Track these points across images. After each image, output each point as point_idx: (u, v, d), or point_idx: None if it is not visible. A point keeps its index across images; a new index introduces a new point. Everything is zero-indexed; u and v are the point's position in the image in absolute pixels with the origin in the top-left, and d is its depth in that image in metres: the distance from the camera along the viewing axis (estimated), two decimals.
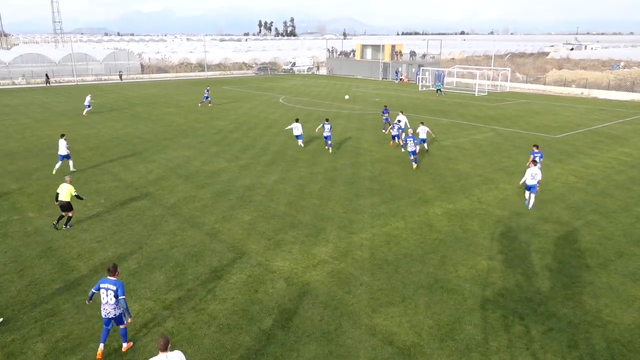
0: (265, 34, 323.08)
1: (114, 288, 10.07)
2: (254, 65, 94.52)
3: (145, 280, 13.27)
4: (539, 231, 16.45)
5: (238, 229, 16.44)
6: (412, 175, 22.71)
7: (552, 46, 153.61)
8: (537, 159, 20.10)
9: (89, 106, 39.93)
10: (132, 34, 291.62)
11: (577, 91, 59.57)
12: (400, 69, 75.02)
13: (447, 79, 68.08)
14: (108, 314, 10.20)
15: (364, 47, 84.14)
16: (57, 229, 16.23)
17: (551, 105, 47.87)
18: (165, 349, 8.29)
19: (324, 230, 16.30)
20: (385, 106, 34.33)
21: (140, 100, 48.88)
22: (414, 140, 23.89)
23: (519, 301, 12.43)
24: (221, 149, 27.66)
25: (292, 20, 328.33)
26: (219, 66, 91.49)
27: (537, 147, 20.57)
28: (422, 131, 26.60)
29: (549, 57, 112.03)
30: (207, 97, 45.19)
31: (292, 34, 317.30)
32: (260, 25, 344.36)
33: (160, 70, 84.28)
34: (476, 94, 56.41)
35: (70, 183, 16.52)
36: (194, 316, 11.77)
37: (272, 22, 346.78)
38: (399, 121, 28.94)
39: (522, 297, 12.59)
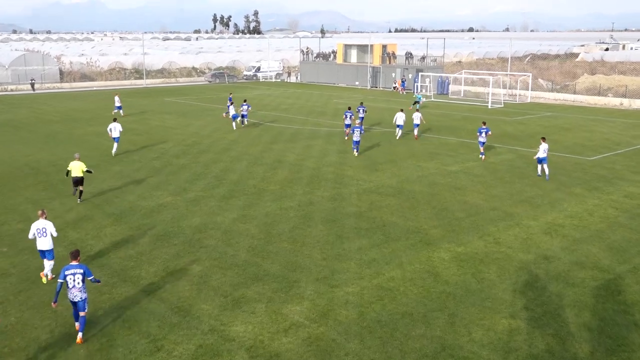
0: (221, 32, 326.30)
1: (81, 271, 13.22)
2: (206, 71, 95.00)
3: (60, 356, 12.86)
4: (573, 280, 16.56)
5: (185, 283, 16.18)
6: (410, 209, 22.80)
7: (583, 46, 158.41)
8: (483, 133, 31.38)
9: (119, 107, 48.91)
10: (48, 32, 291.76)
11: (615, 101, 61.21)
12: (395, 74, 76.21)
13: (452, 87, 69.37)
14: (75, 297, 13.25)
15: (347, 47, 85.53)
16: (79, 198, 23.74)
17: (583, 120, 49.01)
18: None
19: (298, 284, 16.14)
20: (362, 103, 42.44)
21: (58, 117, 48.51)
22: (360, 131, 32.39)
23: None
24: (163, 179, 27.49)
25: (256, 14, 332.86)
26: (162, 72, 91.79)
27: (484, 123, 32.33)
28: (400, 118, 37.62)
29: (578, 59, 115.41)
30: (230, 107, 44.43)
31: (256, 31, 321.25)
32: (215, 20, 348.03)
33: (85, 77, 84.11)
34: (489, 105, 57.50)
35: (79, 159, 23.23)
36: None
37: (230, 17, 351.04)
38: (349, 108, 38.60)
39: None
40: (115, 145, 32.96)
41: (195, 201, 23.94)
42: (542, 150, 27.72)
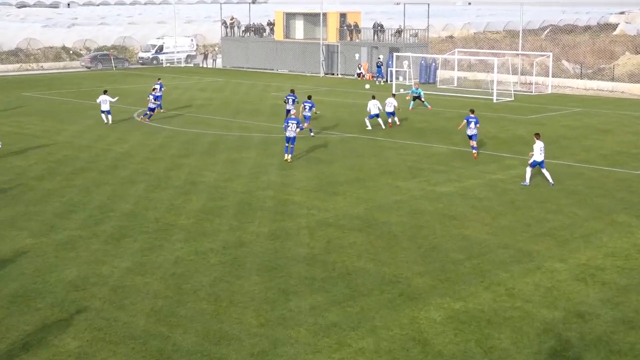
0: None
1: None
2: (84, 52, 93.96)
3: None
4: (619, 345, 16.79)
5: None
6: (385, 250, 22.86)
7: (623, 13, 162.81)
8: (472, 124, 35.58)
9: None
10: None
11: None
12: (359, 55, 76.79)
13: (441, 73, 70.32)
14: None
15: (289, 17, 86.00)
16: None
17: (627, 117, 50.24)
18: None
19: None
20: (292, 91, 46.90)
21: None
22: (297, 124, 35.45)
23: None
24: (21, 212, 27.05)
25: None
26: (17, 54, 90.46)
27: (473, 111, 37.00)
28: (373, 106, 43.68)
29: (617, 32, 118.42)
30: (158, 98, 48.63)
31: None
32: None
33: None
34: (495, 98, 58.45)
35: None
36: None
37: None
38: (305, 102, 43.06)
39: None
40: None
41: (69, 244, 23.48)
42: (539, 151, 30.28)
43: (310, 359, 16.10)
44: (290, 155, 35.40)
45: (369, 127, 43.84)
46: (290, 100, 43.62)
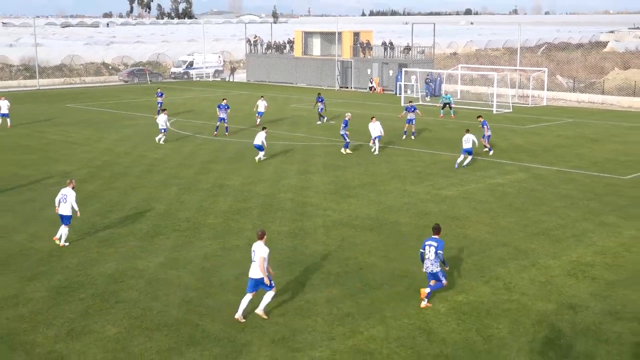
0: (140, 15, 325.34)
1: None
2: (122, 68, 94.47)
3: None
4: (607, 334, 16.82)
5: (97, 350, 15.99)
6: (394, 247, 22.96)
7: (612, 32, 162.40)
8: (485, 127, 38.34)
9: (6, 115, 49.05)
10: None
11: None
12: (370, 70, 76.90)
13: (445, 87, 70.29)
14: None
15: (308, 35, 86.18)
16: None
17: (615, 127, 50.06)
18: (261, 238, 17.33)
19: (249, 347, 16.10)
20: (319, 94, 52.21)
21: None
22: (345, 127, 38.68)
23: None
24: None
25: None
26: (61, 69, 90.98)
27: (481, 117, 39.76)
28: (376, 128, 39.08)
29: (607, 49, 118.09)
30: (224, 109, 46.00)
31: (188, 14, 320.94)
32: (131, 0, 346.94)
33: None
34: (494, 110, 58.35)
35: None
36: None
37: None
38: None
39: None
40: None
41: (108, 241, 23.71)
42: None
43: (326, 345, 16.23)
44: (375, 149, 39.30)
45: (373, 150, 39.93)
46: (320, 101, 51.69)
